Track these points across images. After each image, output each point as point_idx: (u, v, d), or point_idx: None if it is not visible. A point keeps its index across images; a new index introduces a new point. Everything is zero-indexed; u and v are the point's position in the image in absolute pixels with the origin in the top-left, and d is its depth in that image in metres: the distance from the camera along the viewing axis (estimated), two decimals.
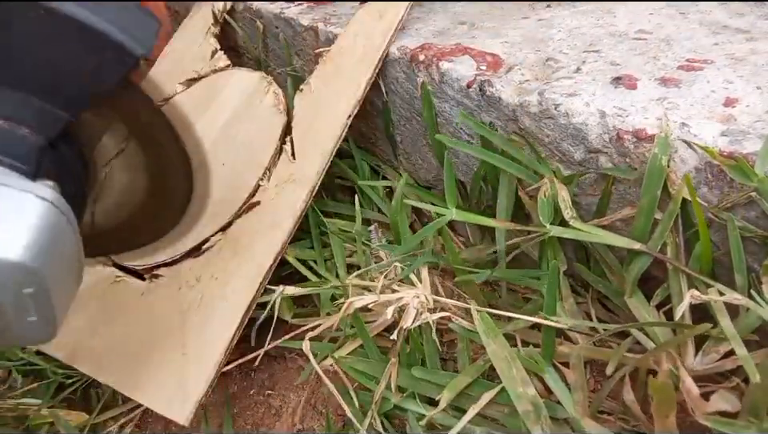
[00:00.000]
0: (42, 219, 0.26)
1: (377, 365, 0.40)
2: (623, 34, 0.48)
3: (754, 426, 0.27)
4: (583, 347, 0.36)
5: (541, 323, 0.36)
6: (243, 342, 0.49)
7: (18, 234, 0.25)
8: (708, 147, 0.33)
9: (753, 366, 0.27)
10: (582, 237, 0.37)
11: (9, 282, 0.25)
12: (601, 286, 0.39)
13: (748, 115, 0.35)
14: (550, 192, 0.38)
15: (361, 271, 0.46)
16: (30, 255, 0.25)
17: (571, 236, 0.37)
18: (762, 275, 0.31)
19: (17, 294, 0.26)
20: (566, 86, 0.41)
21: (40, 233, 0.25)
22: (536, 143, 0.41)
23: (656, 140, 0.34)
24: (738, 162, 0.32)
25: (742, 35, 0.45)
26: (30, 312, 0.27)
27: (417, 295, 0.38)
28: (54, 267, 0.27)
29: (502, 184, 0.43)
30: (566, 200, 0.38)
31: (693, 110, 0.36)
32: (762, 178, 0.31)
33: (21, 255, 0.25)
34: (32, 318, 0.27)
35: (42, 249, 0.25)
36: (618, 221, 0.38)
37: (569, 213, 0.38)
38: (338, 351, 0.42)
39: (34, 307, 0.27)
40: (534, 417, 0.34)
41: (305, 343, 0.40)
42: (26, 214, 0.25)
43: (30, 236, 0.25)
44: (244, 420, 0.43)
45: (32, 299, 0.26)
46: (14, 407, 0.45)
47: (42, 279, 0.26)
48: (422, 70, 0.49)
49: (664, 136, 0.34)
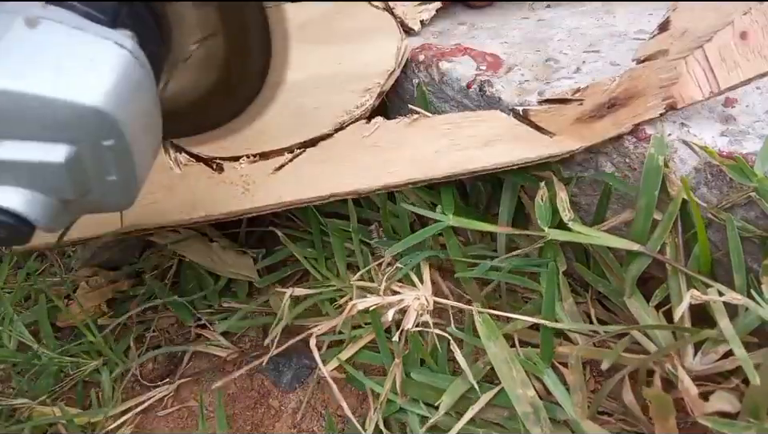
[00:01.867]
0: (122, 67, 0.24)
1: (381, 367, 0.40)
2: (623, 34, 0.48)
3: (754, 426, 0.27)
4: (582, 348, 0.36)
5: (540, 324, 0.36)
6: (245, 342, 0.49)
7: (97, 80, 0.23)
8: (707, 147, 0.33)
9: (752, 367, 0.27)
10: (580, 239, 0.37)
11: (88, 133, 0.23)
12: (600, 286, 0.39)
13: (748, 115, 0.35)
14: (547, 196, 0.38)
15: (362, 271, 0.46)
16: (110, 102, 0.23)
17: (570, 239, 0.37)
18: (761, 275, 0.31)
19: (96, 145, 0.24)
20: (565, 86, 0.41)
21: (120, 81, 0.24)
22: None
23: (651, 140, 0.34)
24: (738, 163, 0.32)
25: None
26: (111, 170, 0.25)
27: (417, 296, 0.38)
28: (134, 121, 0.25)
29: (506, 191, 0.43)
30: (565, 202, 0.38)
31: (693, 110, 0.36)
32: (761, 178, 0.31)
33: (101, 101, 0.23)
34: (112, 177, 0.26)
35: (122, 99, 0.24)
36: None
37: (567, 215, 0.38)
38: (343, 352, 0.42)
39: (114, 164, 0.25)
40: (534, 418, 0.34)
41: (311, 343, 0.40)
42: (106, 60, 0.23)
43: (109, 83, 0.23)
44: (244, 421, 0.43)
45: (112, 154, 0.25)
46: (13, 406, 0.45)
47: (121, 131, 0.24)
48: (422, 70, 0.49)
49: (660, 136, 0.34)
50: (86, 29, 0.24)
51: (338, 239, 0.49)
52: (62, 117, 0.22)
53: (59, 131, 0.23)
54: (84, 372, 0.47)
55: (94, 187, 0.26)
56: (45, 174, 0.24)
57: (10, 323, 0.51)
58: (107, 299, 0.53)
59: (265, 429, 0.43)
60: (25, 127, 0.23)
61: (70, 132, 0.23)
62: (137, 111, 0.25)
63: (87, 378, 0.48)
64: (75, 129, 0.23)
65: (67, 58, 0.23)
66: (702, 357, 0.32)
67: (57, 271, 0.58)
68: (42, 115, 0.22)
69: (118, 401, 0.45)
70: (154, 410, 0.45)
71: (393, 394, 0.38)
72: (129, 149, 0.25)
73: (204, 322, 0.50)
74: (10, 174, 0.23)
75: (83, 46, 0.23)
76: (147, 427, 0.44)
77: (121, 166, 0.25)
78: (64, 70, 0.22)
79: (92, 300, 0.53)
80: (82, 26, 0.24)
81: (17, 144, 0.23)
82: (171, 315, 0.51)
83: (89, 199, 0.26)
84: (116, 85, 0.23)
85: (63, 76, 0.22)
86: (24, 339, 0.50)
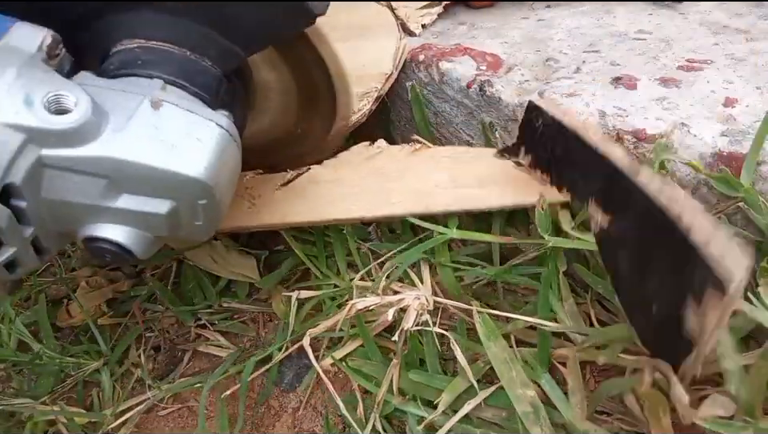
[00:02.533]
0: (219, 145, 0.30)
1: (378, 366, 0.40)
2: (623, 34, 0.48)
3: (751, 426, 0.27)
4: (581, 349, 0.36)
5: (538, 325, 0.36)
6: (244, 342, 0.49)
7: (201, 156, 0.29)
8: (692, 162, 0.33)
9: (738, 379, 0.27)
10: (580, 246, 0.37)
11: (189, 195, 0.29)
12: (600, 287, 0.39)
13: (748, 115, 0.35)
14: (547, 204, 0.39)
15: (362, 272, 0.46)
16: (208, 174, 0.29)
17: (569, 246, 0.38)
18: (758, 278, 0.31)
19: (192, 204, 0.30)
20: (565, 86, 0.41)
21: (217, 156, 0.29)
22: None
23: (654, 147, 0.34)
24: (723, 174, 0.32)
25: (741, 35, 0.45)
26: (199, 218, 0.31)
27: (417, 296, 0.38)
28: (223, 184, 0.31)
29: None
30: (565, 213, 0.39)
31: (693, 110, 0.36)
32: (747, 189, 0.31)
33: (202, 174, 0.29)
34: (199, 222, 0.31)
35: (216, 170, 0.29)
36: None
37: (567, 224, 0.38)
38: (338, 351, 0.42)
39: (203, 215, 0.31)
40: (534, 418, 0.34)
41: (305, 341, 0.40)
42: (208, 139, 0.29)
43: (209, 159, 0.29)
44: (244, 421, 0.43)
45: (203, 209, 0.31)
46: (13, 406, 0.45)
47: (214, 193, 0.30)
48: (422, 70, 0.49)
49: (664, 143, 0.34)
50: (195, 111, 0.30)
51: (338, 238, 0.49)
52: (171, 183, 0.29)
53: (167, 192, 0.29)
54: (85, 372, 0.47)
55: (184, 229, 0.32)
56: (149, 220, 0.30)
57: (10, 323, 0.52)
58: (107, 299, 0.53)
59: (265, 429, 0.43)
60: (142, 187, 0.29)
61: (175, 194, 0.29)
62: (226, 175, 0.31)
63: (88, 378, 0.48)
64: (179, 192, 0.29)
65: (180, 137, 0.29)
66: None
67: (57, 271, 0.58)
68: (157, 180, 0.28)
69: (118, 401, 0.45)
70: (154, 410, 0.46)
71: (389, 394, 0.38)
72: (218, 205, 0.31)
73: (204, 322, 0.50)
74: (122, 217, 0.30)
75: (192, 126, 0.29)
76: (147, 427, 0.44)
77: (208, 215, 0.31)
78: (178, 147, 0.28)
79: (92, 300, 0.53)
80: (192, 108, 0.30)
81: (133, 197, 0.29)
82: (171, 315, 0.51)
83: (176, 234, 0.32)
84: (213, 159, 0.29)
85: (176, 151, 0.28)
86: (24, 339, 0.51)
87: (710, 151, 0.33)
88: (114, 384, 0.47)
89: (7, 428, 0.45)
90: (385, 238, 0.50)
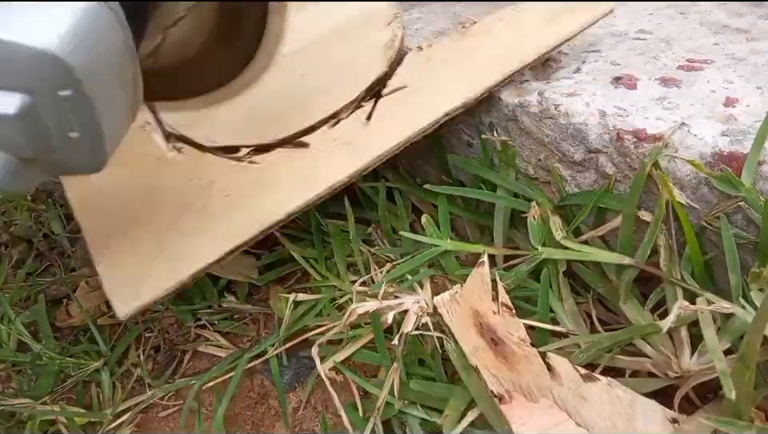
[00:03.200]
0: (83, 11, 0.22)
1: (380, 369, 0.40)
2: (623, 34, 0.48)
3: (754, 426, 0.27)
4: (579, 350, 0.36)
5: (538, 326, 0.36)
6: (244, 342, 0.49)
7: (51, 20, 0.21)
8: (694, 161, 0.33)
9: (730, 382, 0.27)
10: (573, 256, 0.38)
11: (43, 81, 0.21)
12: (600, 288, 0.39)
13: (748, 115, 0.35)
14: (539, 215, 0.39)
15: (364, 277, 0.46)
16: (64, 46, 0.21)
17: (562, 257, 0.38)
18: (749, 282, 0.31)
19: (52, 95, 0.22)
20: (565, 86, 0.41)
21: (80, 25, 0.21)
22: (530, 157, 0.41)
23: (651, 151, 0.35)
24: (724, 174, 0.32)
25: (741, 35, 0.45)
26: (72, 126, 0.23)
27: (417, 300, 0.38)
28: (96, 72, 0.22)
29: (497, 215, 0.44)
30: (557, 223, 0.39)
31: (693, 110, 0.36)
32: (748, 188, 0.31)
33: (53, 44, 0.21)
34: (74, 133, 0.24)
35: (80, 44, 0.21)
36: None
37: (560, 234, 0.38)
38: (338, 354, 0.42)
39: (75, 118, 0.23)
40: None
41: (314, 348, 0.40)
42: (69, 5, 0.21)
43: (67, 27, 0.21)
44: (243, 421, 0.43)
45: (71, 106, 0.22)
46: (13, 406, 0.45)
47: (78, 79, 0.22)
48: None
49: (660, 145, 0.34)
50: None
51: (337, 239, 0.49)
52: (15, 63, 0.20)
53: (13, 78, 0.21)
54: (85, 373, 0.47)
55: (57, 145, 0.24)
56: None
57: (9, 323, 0.52)
58: (107, 299, 0.53)
59: (265, 429, 0.43)
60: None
61: (24, 79, 0.21)
62: (101, 61, 0.23)
63: (87, 378, 0.48)
64: (28, 76, 0.21)
65: (32, 4, 0.21)
66: (699, 357, 0.32)
67: (56, 271, 0.58)
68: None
69: (118, 401, 0.45)
70: (154, 410, 0.46)
71: (390, 396, 0.37)
72: (90, 102, 0.23)
73: (204, 322, 0.50)
74: None
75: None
76: (147, 427, 0.44)
77: (83, 121, 0.23)
78: (20, 13, 0.20)
79: (92, 300, 0.53)
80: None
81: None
82: (171, 315, 0.51)
83: (54, 159, 0.24)
84: (74, 28, 0.21)
85: (18, 18, 0.20)
86: (24, 340, 0.51)
87: (711, 151, 0.33)
88: (113, 384, 0.47)
89: (7, 428, 0.45)
90: (386, 237, 0.50)
